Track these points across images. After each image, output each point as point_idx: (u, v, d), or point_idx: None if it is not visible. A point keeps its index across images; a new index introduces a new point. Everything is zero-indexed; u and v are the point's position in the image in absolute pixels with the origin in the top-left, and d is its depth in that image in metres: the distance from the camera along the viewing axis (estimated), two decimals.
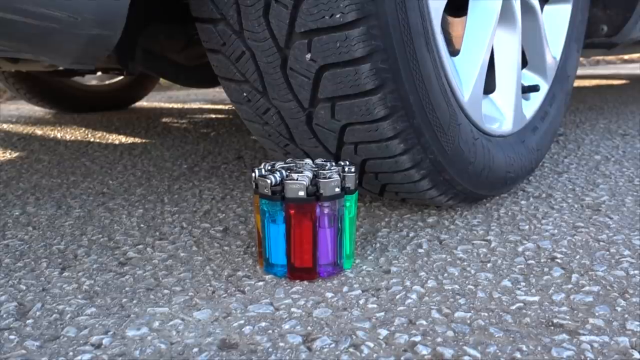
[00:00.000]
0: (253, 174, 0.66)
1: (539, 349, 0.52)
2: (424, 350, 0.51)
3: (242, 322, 0.57)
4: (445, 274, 0.68)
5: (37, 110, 2.52)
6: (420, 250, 0.76)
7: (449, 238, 0.80)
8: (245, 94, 0.77)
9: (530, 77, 1.08)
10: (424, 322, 0.56)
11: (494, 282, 0.66)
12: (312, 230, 0.64)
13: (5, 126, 2.09)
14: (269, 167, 0.68)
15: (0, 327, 0.57)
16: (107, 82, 2.57)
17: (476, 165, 0.84)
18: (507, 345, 0.52)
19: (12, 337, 0.56)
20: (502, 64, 0.96)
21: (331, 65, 0.68)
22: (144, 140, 1.69)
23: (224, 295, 0.63)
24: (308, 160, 0.71)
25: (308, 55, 0.67)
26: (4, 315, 0.60)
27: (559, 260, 0.71)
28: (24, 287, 0.67)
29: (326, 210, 0.64)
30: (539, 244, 0.77)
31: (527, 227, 0.84)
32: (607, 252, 0.74)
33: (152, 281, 0.68)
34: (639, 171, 1.17)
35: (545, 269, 0.69)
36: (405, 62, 0.69)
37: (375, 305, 0.60)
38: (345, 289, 0.64)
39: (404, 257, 0.74)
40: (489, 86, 0.93)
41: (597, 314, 0.58)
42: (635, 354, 0.50)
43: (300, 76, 0.70)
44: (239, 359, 0.51)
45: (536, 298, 0.61)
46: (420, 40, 0.71)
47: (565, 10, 1.12)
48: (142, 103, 2.84)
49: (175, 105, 2.72)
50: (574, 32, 1.15)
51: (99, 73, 2.02)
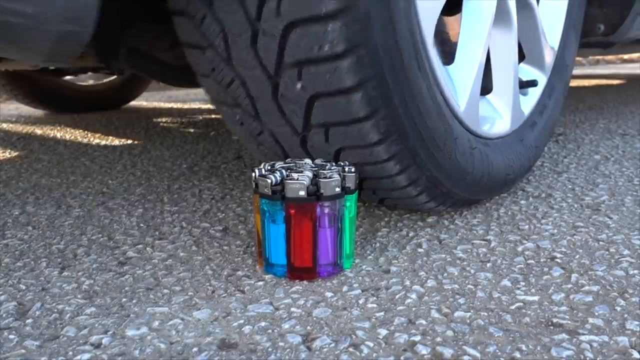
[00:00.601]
0: (253, 174, 0.66)
1: (539, 348, 0.52)
2: (423, 350, 0.51)
3: (241, 321, 0.57)
4: (445, 274, 0.68)
5: (37, 110, 2.52)
6: (420, 250, 0.76)
7: (448, 238, 0.80)
8: (238, 117, 0.77)
9: (527, 71, 1.06)
10: (424, 322, 0.56)
11: (493, 281, 0.66)
12: (312, 230, 0.64)
13: (4, 126, 2.09)
14: (269, 167, 0.68)
15: None
16: (99, 82, 2.54)
17: (474, 174, 0.83)
18: (506, 345, 0.52)
19: (11, 336, 0.56)
20: (498, 64, 0.94)
21: (322, 94, 0.67)
22: (143, 140, 1.69)
23: (223, 295, 0.63)
24: (308, 160, 0.71)
25: (299, 85, 0.67)
26: (4, 315, 0.60)
27: (558, 260, 0.72)
28: (24, 287, 0.67)
29: (326, 210, 0.64)
30: (539, 244, 0.77)
31: (526, 226, 0.84)
32: (607, 252, 0.74)
33: (151, 281, 0.68)
34: (638, 171, 1.17)
35: (545, 269, 0.69)
36: (398, 88, 0.68)
37: (375, 305, 0.60)
38: (345, 288, 0.64)
39: (404, 256, 0.74)
40: (485, 84, 0.92)
41: (596, 314, 0.58)
42: (635, 354, 0.50)
43: (292, 104, 0.69)
44: (239, 359, 0.51)
45: (536, 298, 0.61)
46: (413, 65, 0.70)
47: None
48: (142, 103, 2.84)
49: (174, 105, 2.72)
50: (572, 20, 1.12)
51: (89, 73, 1.99)
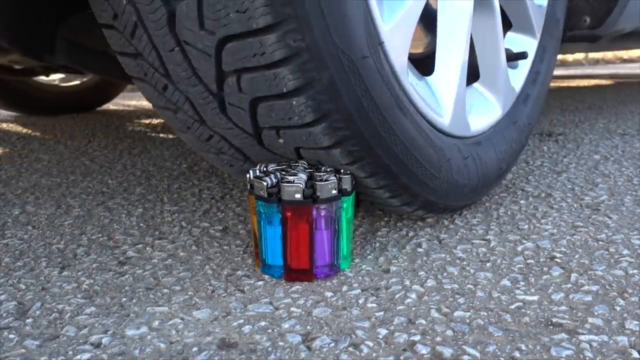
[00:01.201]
0: (247, 175, 0.66)
1: (538, 348, 0.52)
2: (423, 350, 0.52)
3: (241, 321, 0.57)
4: (445, 274, 0.68)
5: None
6: (419, 250, 0.76)
7: (448, 237, 0.80)
8: (226, 161, 0.76)
9: (516, 39, 0.99)
10: (424, 322, 0.57)
11: (493, 281, 0.66)
12: (308, 232, 0.64)
13: (4, 125, 2.09)
14: (264, 169, 0.68)
15: None
16: (75, 83, 2.47)
17: (471, 184, 0.82)
18: (506, 345, 0.52)
19: (11, 336, 0.56)
20: (483, 51, 0.89)
21: (304, 148, 0.67)
22: (143, 140, 1.69)
23: (223, 295, 0.63)
24: (303, 162, 0.71)
25: (281, 140, 0.66)
26: (4, 315, 0.60)
27: (558, 260, 0.72)
28: (24, 287, 0.67)
29: (323, 213, 0.64)
30: (538, 244, 0.77)
31: (526, 226, 0.84)
32: (606, 252, 0.74)
33: (151, 280, 0.68)
34: (638, 170, 1.18)
35: (545, 269, 0.69)
36: (380, 139, 0.66)
37: (374, 305, 0.60)
38: (344, 288, 0.64)
39: (404, 256, 0.74)
40: (471, 61, 0.86)
41: (596, 314, 0.58)
42: (634, 354, 0.50)
43: (282, 149, 0.69)
44: (239, 358, 0.51)
45: (535, 297, 0.61)
46: (395, 112, 0.67)
47: None
48: (142, 102, 2.84)
49: None
50: None
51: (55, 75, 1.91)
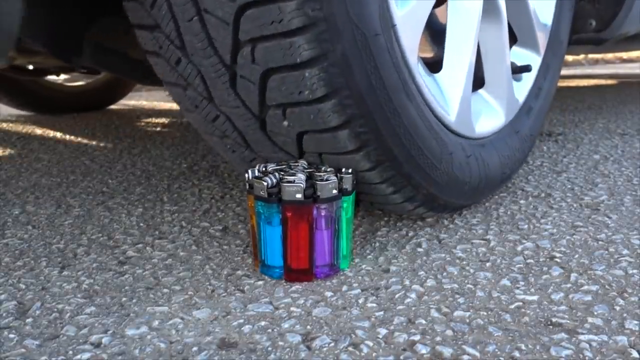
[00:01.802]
0: (246, 175, 0.66)
1: (538, 348, 0.52)
2: (423, 349, 0.52)
3: (241, 321, 0.57)
4: (445, 273, 0.68)
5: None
6: (419, 250, 0.76)
7: (448, 237, 0.80)
8: (229, 146, 0.77)
9: (520, 54, 1.01)
10: (423, 321, 0.57)
11: (493, 281, 0.66)
12: (308, 232, 0.64)
13: (4, 125, 2.09)
14: (262, 169, 0.68)
15: None
16: (84, 82, 2.47)
17: (472, 182, 0.82)
18: (506, 344, 0.52)
19: (11, 335, 0.56)
20: (489, 58, 0.91)
21: (310, 131, 0.67)
22: (143, 139, 1.69)
23: (223, 295, 0.63)
24: (302, 162, 0.71)
25: (285, 123, 0.66)
26: (4, 314, 0.60)
27: (558, 260, 0.72)
28: (24, 286, 0.67)
29: (323, 213, 0.64)
30: (538, 244, 0.77)
31: (526, 226, 0.84)
32: (606, 252, 0.74)
33: (151, 280, 0.68)
34: (637, 170, 1.18)
35: (544, 268, 0.69)
36: (385, 121, 0.67)
37: (374, 305, 0.60)
38: (344, 288, 0.65)
39: (403, 256, 0.74)
40: (477, 72, 0.88)
41: (595, 313, 0.58)
42: (634, 353, 0.50)
43: (282, 136, 0.69)
44: (239, 358, 0.51)
45: (535, 297, 0.61)
46: (400, 94, 0.68)
47: None
48: (142, 102, 2.84)
49: (174, 104, 2.72)
50: None
51: (79, 73, 1.94)
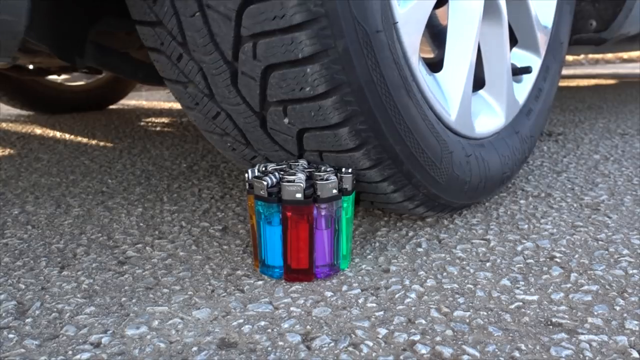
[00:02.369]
0: (246, 175, 0.66)
1: (538, 348, 0.52)
2: (423, 349, 0.51)
3: (241, 321, 0.57)
4: (445, 273, 0.68)
5: (37, 110, 2.51)
6: (419, 250, 0.76)
7: (448, 237, 0.80)
8: (229, 144, 0.77)
9: (521, 56, 1.02)
10: (423, 321, 0.57)
11: (493, 281, 0.66)
12: (308, 232, 0.64)
13: (4, 125, 2.09)
14: (262, 168, 0.68)
15: None
16: (85, 82, 2.50)
17: (472, 182, 0.82)
18: (506, 344, 0.52)
19: (11, 335, 0.56)
20: (490, 58, 0.91)
21: (310, 129, 0.67)
22: (143, 139, 1.69)
23: (223, 294, 0.63)
24: (302, 161, 0.71)
25: (286, 120, 0.66)
26: (3, 314, 0.60)
27: (558, 260, 0.72)
28: (23, 286, 0.67)
29: (323, 212, 0.64)
30: (538, 243, 0.77)
31: (526, 226, 0.84)
32: (606, 252, 0.74)
33: (151, 280, 0.68)
34: (637, 170, 1.18)
35: (544, 268, 0.69)
36: (386, 118, 0.67)
37: (374, 304, 0.60)
38: (344, 288, 0.64)
39: (403, 256, 0.74)
40: (477, 74, 0.88)
41: (595, 313, 0.58)
42: (634, 353, 0.50)
43: (283, 134, 0.69)
44: (238, 358, 0.51)
45: (535, 297, 0.61)
46: (400, 92, 0.68)
47: None
48: (142, 102, 2.84)
49: (174, 104, 2.72)
50: None
51: (80, 72, 1.95)
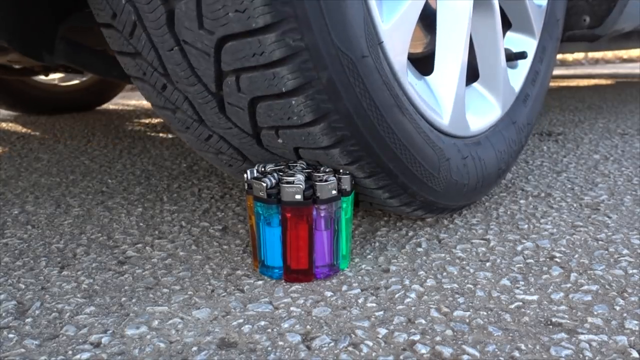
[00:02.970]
0: (245, 175, 0.66)
1: (538, 347, 0.52)
2: (422, 349, 0.52)
3: (241, 321, 0.57)
4: (444, 273, 0.68)
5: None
6: (419, 249, 0.76)
7: (448, 237, 0.80)
8: (225, 162, 0.77)
9: (515, 39, 0.99)
10: (423, 321, 0.57)
11: (492, 281, 0.66)
12: (308, 233, 0.64)
13: (4, 125, 2.08)
14: (261, 169, 0.68)
15: None
16: (74, 83, 2.49)
17: (470, 183, 0.82)
18: (505, 344, 0.52)
19: (11, 335, 0.56)
20: (483, 51, 0.89)
21: (303, 148, 0.67)
22: (143, 139, 1.69)
23: (223, 294, 0.63)
24: (302, 162, 0.70)
25: (280, 140, 0.66)
26: (3, 314, 0.60)
27: (557, 260, 0.72)
28: (23, 286, 0.67)
29: (323, 213, 0.64)
30: (538, 243, 0.77)
31: (526, 226, 0.84)
32: (606, 251, 0.74)
33: (151, 280, 0.68)
34: (637, 170, 1.18)
35: (544, 268, 0.69)
36: (379, 139, 0.66)
37: (374, 304, 0.60)
38: (344, 287, 0.64)
39: (403, 256, 0.74)
40: (470, 61, 0.86)
41: (595, 313, 0.58)
42: (634, 353, 0.50)
43: (280, 149, 0.69)
44: (238, 358, 0.51)
45: (535, 297, 0.61)
46: (393, 111, 0.67)
47: None
48: (142, 102, 2.84)
49: None
50: None
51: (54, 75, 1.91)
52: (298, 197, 0.62)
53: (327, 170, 0.67)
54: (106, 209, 0.98)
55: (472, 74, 0.90)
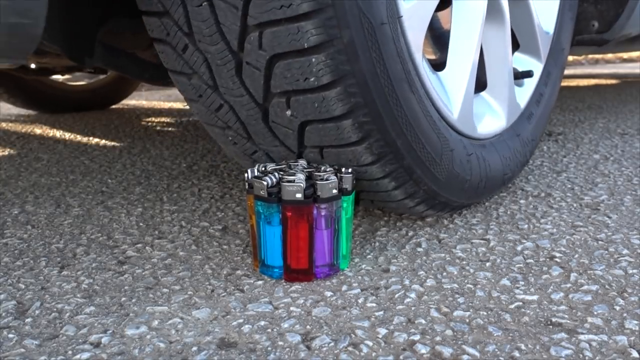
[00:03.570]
0: (246, 175, 0.66)
1: (538, 347, 0.52)
2: (422, 349, 0.51)
3: (241, 320, 0.57)
4: (444, 273, 0.68)
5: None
6: (419, 249, 0.76)
7: (448, 237, 0.80)
8: (231, 138, 0.77)
9: (522, 60, 1.03)
10: (423, 321, 0.57)
11: (492, 281, 0.66)
12: (308, 232, 0.64)
13: (4, 124, 2.08)
14: (262, 168, 0.68)
15: None
16: (87, 82, 2.51)
17: (472, 181, 0.82)
18: (505, 344, 0.52)
19: (11, 335, 0.56)
20: (492, 60, 0.92)
21: (313, 121, 0.67)
22: (143, 139, 1.69)
23: (223, 294, 0.63)
24: (302, 161, 0.71)
25: (288, 112, 0.66)
26: (3, 314, 0.60)
27: (557, 260, 0.72)
28: (23, 286, 0.67)
29: (323, 212, 0.64)
30: (538, 243, 0.77)
31: (526, 226, 0.84)
32: (606, 251, 0.74)
33: (151, 280, 0.68)
34: (637, 170, 1.18)
35: (544, 268, 0.69)
36: (389, 111, 0.68)
37: (374, 304, 0.60)
38: (344, 287, 0.64)
39: (403, 256, 0.74)
40: (479, 76, 0.89)
41: (595, 313, 0.58)
42: (634, 353, 0.50)
43: (284, 127, 0.69)
44: (238, 358, 0.51)
45: (535, 297, 0.61)
46: (403, 86, 0.69)
47: None
48: (142, 102, 2.84)
49: (174, 104, 2.72)
50: (567, 0, 1.10)
51: (83, 72, 1.96)
52: (299, 195, 0.62)
53: (328, 169, 0.67)
54: (106, 209, 0.98)
55: (480, 86, 0.93)
